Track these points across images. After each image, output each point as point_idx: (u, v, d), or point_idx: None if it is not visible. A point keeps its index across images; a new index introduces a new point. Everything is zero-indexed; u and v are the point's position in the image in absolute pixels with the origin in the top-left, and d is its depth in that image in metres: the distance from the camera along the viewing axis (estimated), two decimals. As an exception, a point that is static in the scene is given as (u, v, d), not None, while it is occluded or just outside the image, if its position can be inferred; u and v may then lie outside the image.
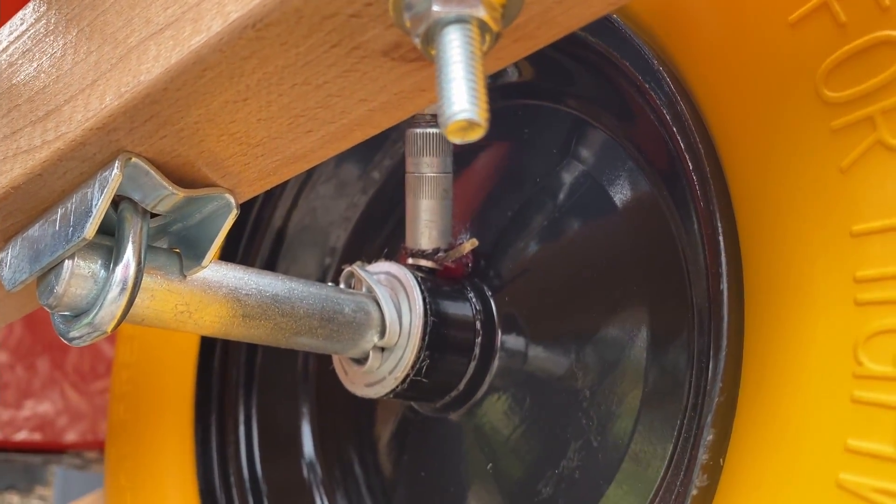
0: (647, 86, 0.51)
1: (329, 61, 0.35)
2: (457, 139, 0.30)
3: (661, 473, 0.51)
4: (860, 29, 0.41)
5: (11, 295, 0.53)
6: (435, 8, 0.30)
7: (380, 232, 0.72)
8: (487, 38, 0.31)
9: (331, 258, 0.73)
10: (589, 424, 0.56)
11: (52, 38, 0.45)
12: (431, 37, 0.31)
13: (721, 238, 0.46)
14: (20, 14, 0.48)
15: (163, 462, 0.75)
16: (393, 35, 0.34)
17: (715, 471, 0.44)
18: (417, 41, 0.31)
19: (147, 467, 0.77)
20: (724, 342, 0.44)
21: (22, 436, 1.77)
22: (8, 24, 0.49)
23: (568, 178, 0.60)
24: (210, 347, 0.72)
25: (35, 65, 0.46)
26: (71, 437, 1.82)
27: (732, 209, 0.46)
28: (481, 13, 0.30)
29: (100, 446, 1.84)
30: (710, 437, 0.44)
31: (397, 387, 0.56)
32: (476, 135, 0.29)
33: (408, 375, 0.56)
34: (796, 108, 0.43)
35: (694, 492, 0.44)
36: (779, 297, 0.43)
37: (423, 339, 0.56)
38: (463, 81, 0.29)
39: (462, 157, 0.64)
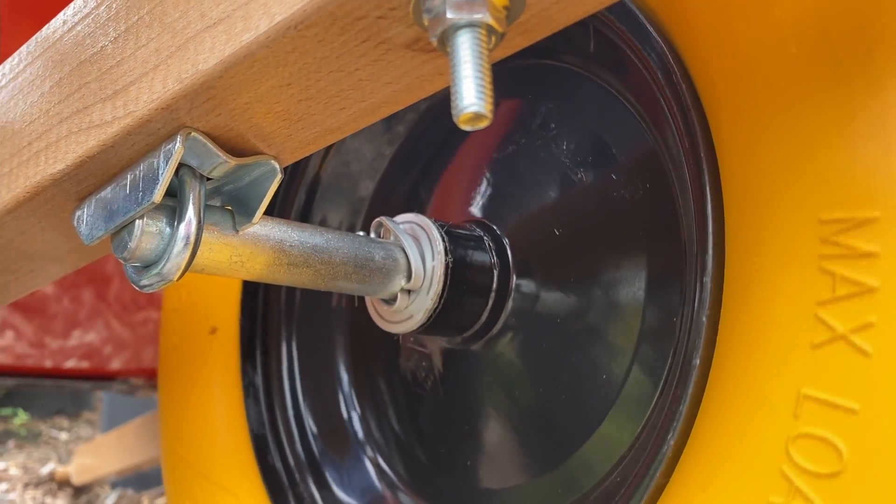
0: (640, 44, 0.56)
1: (359, 53, 0.41)
2: (467, 127, 0.36)
3: (655, 397, 0.58)
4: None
5: (84, 246, 0.60)
6: (449, 14, 0.36)
7: (405, 181, 0.78)
8: (493, 38, 0.37)
9: (361, 206, 0.80)
10: (592, 358, 0.63)
11: (113, 23, 0.51)
12: (446, 38, 0.37)
13: (707, 180, 0.51)
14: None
15: (212, 389, 0.83)
16: (413, 32, 0.39)
17: (700, 387, 0.50)
18: (434, 40, 0.37)
19: (198, 396, 0.85)
20: (709, 276, 0.50)
21: (71, 363, 1.85)
22: (72, 5, 0.55)
23: (572, 130, 0.66)
24: (253, 291, 0.79)
25: (99, 46, 0.52)
26: (116, 364, 1.90)
27: (715, 153, 0.51)
28: (488, 19, 0.36)
29: (144, 373, 1.94)
30: (696, 363, 0.50)
31: (422, 323, 0.63)
32: (483, 124, 0.35)
33: (431, 314, 0.63)
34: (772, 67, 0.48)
35: (684, 406, 0.50)
36: (757, 236, 0.48)
37: (444, 282, 0.63)
38: (472, 79, 0.35)
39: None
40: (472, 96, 0.35)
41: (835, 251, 0.44)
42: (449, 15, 0.36)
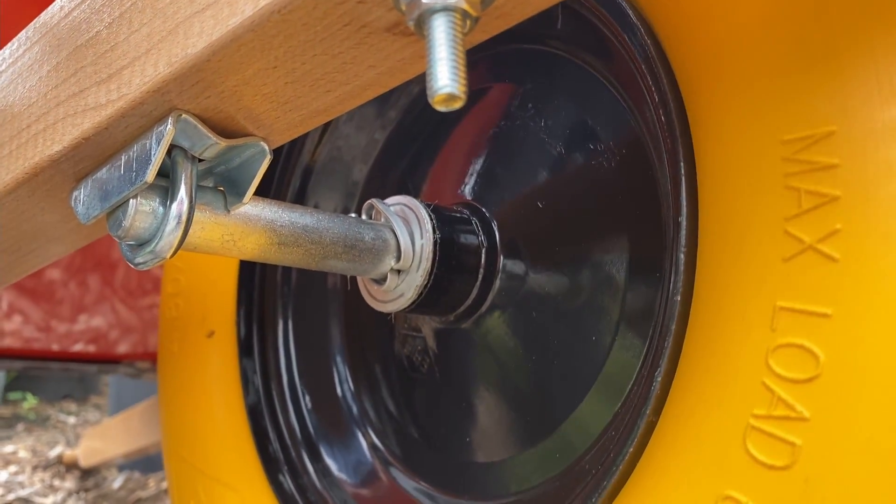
0: (622, 29, 0.57)
1: (342, 36, 0.42)
2: (442, 108, 0.37)
3: (637, 368, 0.59)
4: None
5: (82, 226, 0.62)
6: (424, 1, 0.37)
7: (397, 165, 0.80)
8: (468, 22, 0.38)
9: (354, 190, 0.81)
10: (576, 336, 0.64)
11: (108, 8, 0.52)
12: (422, 21, 0.38)
13: (681, 159, 0.52)
14: None
15: (211, 362, 0.84)
16: (393, 16, 0.41)
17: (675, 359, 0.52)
18: (412, 24, 0.38)
19: (196, 371, 0.86)
20: (682, 256, 0.51)
21: (78, 347, 1.87)
22: (44, 12, 0.57)
23: (557, 112, 0.67)
24: (250, 271, 0.81)
25: (94, 31, 0.53)
26: (123, 348, 1.92)
27: (690, 133, 0.52)
28: (462, 3, 0.37)
29: (150, 357, 1.97)
30: (678, 299, 0.51)
31: (413, 301, 0.65)
32: (457, 104, 0.37)
33: (420, 293, 0.64)
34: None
35: (670, 340, 0.52)
36: (726, 168, 0.50)
37: (433, 262, 0.64)
38: (446, 61, 0.36)
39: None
40: (445, 78, 0.36)
41: (798, 168, 0.46)
42: (424, 1, 0.37)
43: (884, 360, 0.41)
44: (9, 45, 0.62)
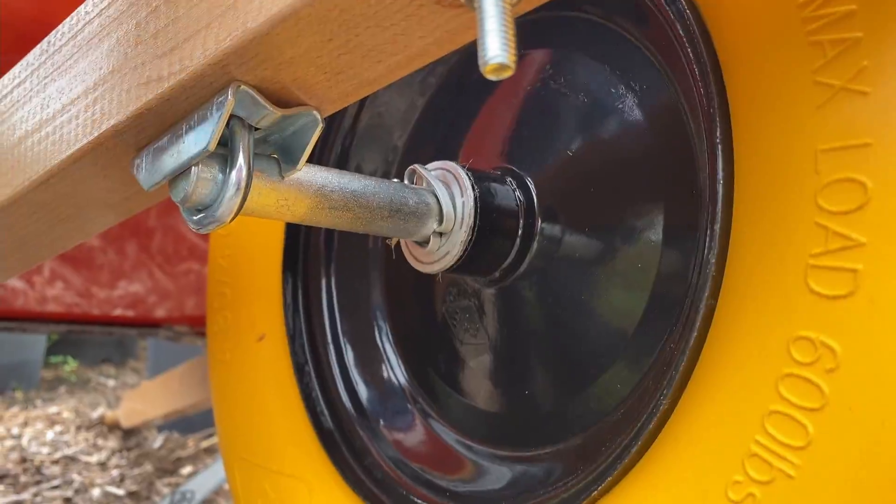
0: None
1: (395, 8, 0.45)
2: (493, 77, 0.39)
3: (667, 332, 0.62)
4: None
5: (139, 193, 0.66)
6: (476, -27, 0.39)
7: (436, 130, 0.82)
8: (516, -6, 0.40)
9: (394, 155, 0.84)
10: (608, 292, 0.67)
11: (167, -16, 0.55)
12: (473, -4, 0.40)
13: (717, 124, 0.54)
14: None
15: (263, 363, 0.87)
16: (445, -13, 0.43)
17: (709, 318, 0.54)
18: (463, -2, 0.41)
19: (249, 373, 0.88)
20: (719, 223, 0.53)
21: (118, 312, 1.92)
22: None
23: (593, 78, 0.69)
24: (294, 276, 0.84)
25: (154, 5, 0.56)
26: (160, 312, 1.96)
27: (728, 102, 0.54)
28: (511, -24, 0.39)
29: (187, 321, 2.02)
30: (705, 303, 0.54)
31: (453, 264, 0.68)
32: (507, 73, 0.39)
33: (461, 255, 0.67)
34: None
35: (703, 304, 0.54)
36: (764, 182, 0.52)
37: (473, 225, 0.67)
38: (497, 33, 0.39)
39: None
40: (496, 48, 0.39)
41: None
42: (476, -27, 0.39)
43: None
44: (68, 20, 0.65)
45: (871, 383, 0.42)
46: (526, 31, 0.76)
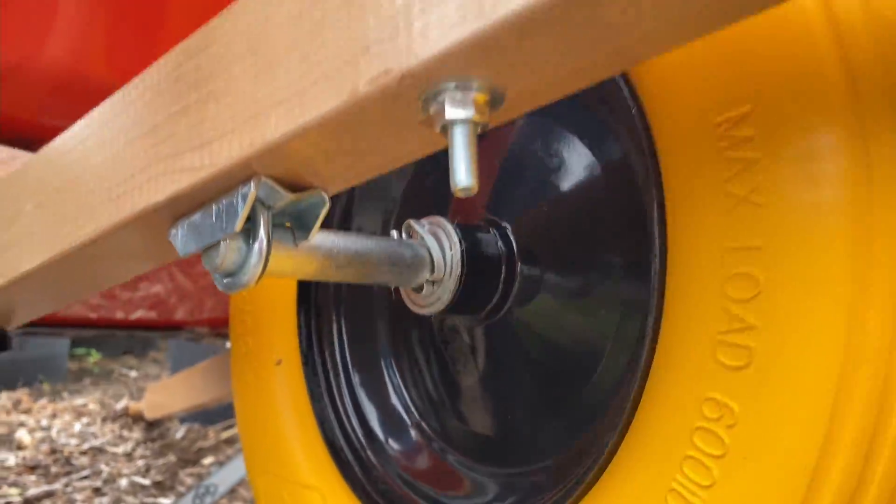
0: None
1: (387, 131, 0.55)
2: (461, 195, 0.50)
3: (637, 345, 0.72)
4: None
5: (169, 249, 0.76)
6: (447, 115, 0.50)
7: (429, 181, 0.92)
8: (480, 127, 0.51)
9: (392, 205, 0.94)
10: (583, 328, 0.77)
11: (192, 91, 0.65)
12: (445, 129, 0.50)
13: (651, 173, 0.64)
14: (158, 64, 0.68)
15: (281, 385, 0.97)
16: (425, 116, 0.53)
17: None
18: (438, 129, 0.51)
19: (269, 394, 0.99)
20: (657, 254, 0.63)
21: (139, 314, 2.00)
22: (142, 75, 0.69)
23: (560, 140, 0.79)
24: (307, 305, 0.94)
25: (183, 104, 0.66)
26: (180, 314, 2.04)
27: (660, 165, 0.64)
28: (474, 115, 0.50)
29: (206, 323, 2.11)
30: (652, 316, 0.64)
31: (445, 307, 0.78)
32: (472, 193, 0.49)
33: (452, 299, 0.78)
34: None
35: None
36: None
37: (461, 273, 0.77)
38: (464, 162, 0.49)
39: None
40: (463, 175, 0.49)
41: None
42: (448, 115, 0.50)
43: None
44: (112, 98, 0.75)
45: (760, 437, 0.53)
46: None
